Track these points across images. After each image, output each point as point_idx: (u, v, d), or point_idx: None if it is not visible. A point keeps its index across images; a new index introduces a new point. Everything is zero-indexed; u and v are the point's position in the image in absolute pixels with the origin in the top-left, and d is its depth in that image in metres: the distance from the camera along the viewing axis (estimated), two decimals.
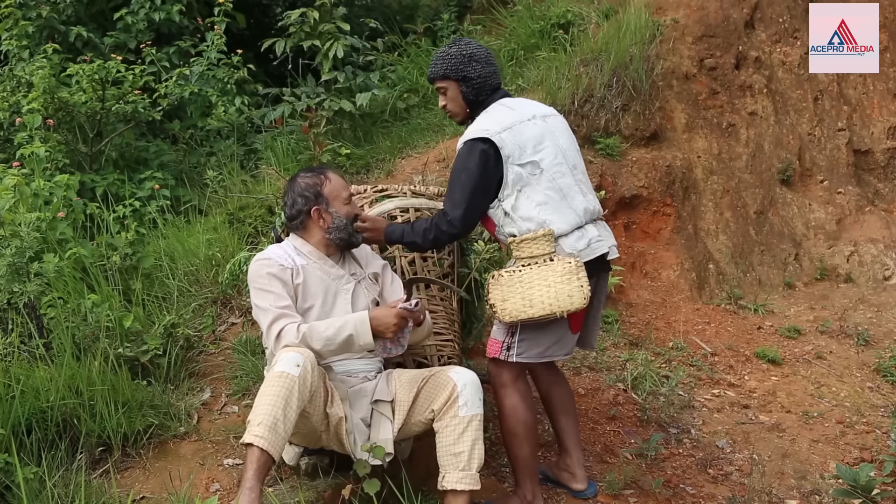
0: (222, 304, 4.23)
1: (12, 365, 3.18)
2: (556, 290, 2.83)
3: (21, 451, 2.95)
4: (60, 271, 3.71)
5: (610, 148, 5.82)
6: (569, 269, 2.84)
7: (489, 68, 3.05)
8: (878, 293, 6.15)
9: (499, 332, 3.02)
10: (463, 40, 3.11)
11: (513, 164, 2.89)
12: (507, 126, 2.91)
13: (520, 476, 3.04)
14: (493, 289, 2.88)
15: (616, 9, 6.69)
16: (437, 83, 3.09)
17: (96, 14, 6.55)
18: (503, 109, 3.01)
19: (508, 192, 2.90)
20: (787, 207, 6.64)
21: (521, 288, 2.85)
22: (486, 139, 2.88)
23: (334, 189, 2.93)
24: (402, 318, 2.73)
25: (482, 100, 3.05)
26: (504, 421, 3.03)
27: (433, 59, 3.11)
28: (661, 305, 5.45)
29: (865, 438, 4.11)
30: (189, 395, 3.60)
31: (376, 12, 8.01)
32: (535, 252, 2.87)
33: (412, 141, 5.94)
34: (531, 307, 2.84)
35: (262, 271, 2.82)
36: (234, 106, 5.91)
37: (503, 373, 3.02)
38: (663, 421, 4.09)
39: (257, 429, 2.44)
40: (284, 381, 2.49)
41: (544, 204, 2.90)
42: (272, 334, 2.70)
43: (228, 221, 4.69)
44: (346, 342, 2.69)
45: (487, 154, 2.88)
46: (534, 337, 2.97)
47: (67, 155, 5.14)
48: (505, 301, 2.85)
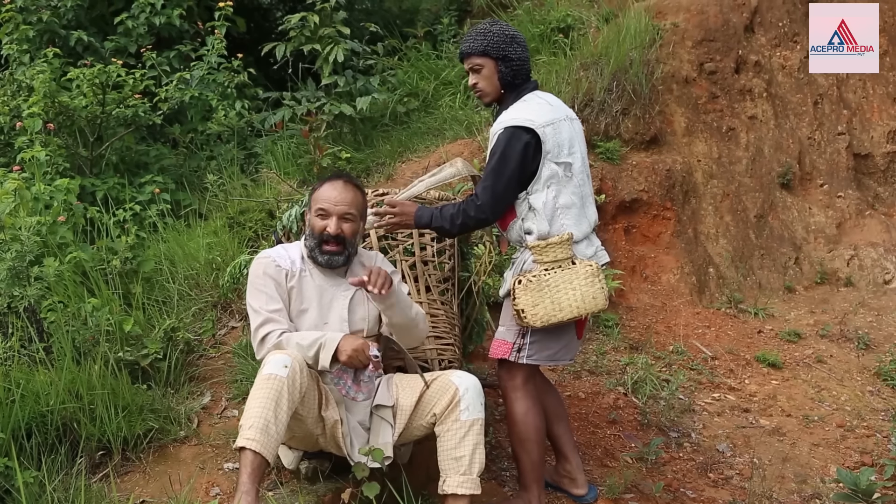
0: (222, 308, 4.23)
1: (12, 369, 3.17)
2: (581, 293, 2.87)
3: (21, 455, 2.94)
4: (61, 275, 3.71)
5: (610, 152, 5.82)
6: (591, 272, 2.90)
7: (526, 53, 3.00)
8: (879, 297, 6.15)
9: (508, 334, 3.01)
10: (501, 21, 3.05)
11: (550, 161, 2.88)
12: (550, 121, 2.90)
13: (527, 480, 3.04)
14: (522, 294, 2.86)
15: (616, 13, 6.70)
16: (474, 60, 2.99)
17: (97, 18, 6.56)
18: (543, 103, 2.98)
19: (539, 187, 2.89)
20: (788, 211, 6.64)
21: (549, 292, 2.86)
22: (530, 129, 2.85)
23: (318, 197, 2.88)
24: (362, 352, 2.63)
25: (518, 84, 3.00)
26: (514, 425, 3.02)
27: (470, 34, 3.01)
28: (661, 309, 5.45)
29: (866, 442, 4.11)
30: (189, 398, 3.59)
31: (376, 16, 8.03)
32: (559, 256, 2.89)
33: (412, 145, 5.94)
34: (560, 311, 2.86)
35: (260, 270, 2.83)
36: (235, 110, 5.92)
37: (515, 375, 3.02)
38: (664, 425, 4.09)
39: (249, 432, 2.44)
40: (273, 382, 2.49)
41: (567, 208, 2.92)
42: (257, 337, 2.73)
43: (229, 225, 4.69)
44: (315, 356, 2.65)
45: (529, 144, 2.85)
46: (544, 339, 2.98)
47: (68, 159, 5.14)
48: (535, 306, 2.85)
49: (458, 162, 3.23)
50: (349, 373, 2.68)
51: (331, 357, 2.62)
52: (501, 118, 2.95)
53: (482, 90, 3.04)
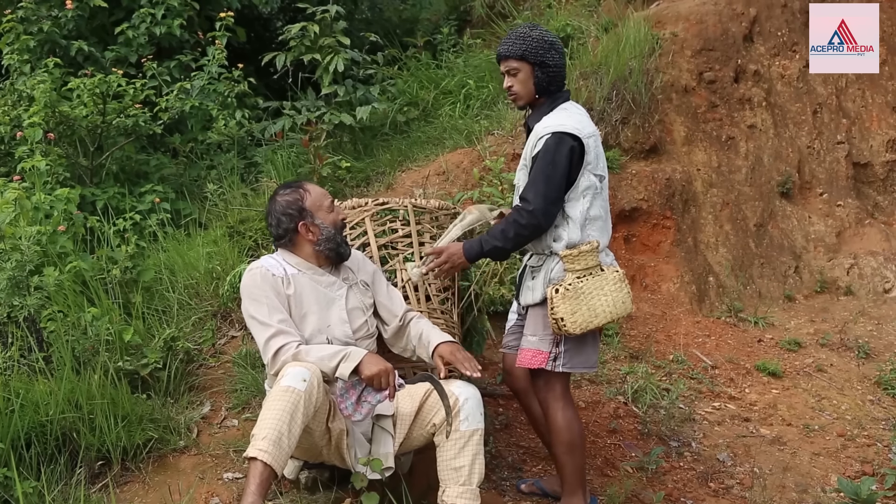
0: (222, 318, 4.22)
1: (12, 379, 3.17)
2: (612, 298, 2.95)
3: (20, 465, 2.93)
4: (60, 285, 3.71)
5: (609, 161, 5.82)
6: (618, 278, 2.99)
7: (563, 60, 3.02)
8: (879, 306, 6.15)
9: (542, 343, 3.01)
10: (541, 27, 3.06)
11: (590, 172, 2.93)
12: (592, 133, 2.95)
13: (574, 485, 3.06)
14: (561, 303, 2.88)
15: (615, 22, 6.72)
16: (511, 63, 3.00)
17: (97, 28, 6.58)
18: (584, 114, 3.03)
19: (575, 196, 2.92)
20: (787, 220, 6.65)
21: (585, 299, 2.91)
22: (577, 137, 2.88)
23: (315, 200, 2.89)
24: (386, 376, 2.64)
25: (553, 90, 3.02)
26: (561, 433, 3.02)
27: (509, 37, 3.02)
28: (661, 318, 5.45)
29: (867, 451, 4.11)
30: (189, 408, 3.59)
31: (376, 26, 8.06)
32: (590, 263, 2.94)
33: (412, 154, 5.95)
34: (596, 317, 2.92)
35: (257, 281, 2.80)
36: (235, 119, 5.93)
37: (556, 385, 3.03)
38: (664, 434, 4.08)
39: (262, 443, 2.43)
40: (290, 395, 2.48)
41: (597, 219, 2.98)
42: (270, 350, 2.69)
43: (229, 234, 4.69)
44: (335, 367, 2.65)
45: (574, 151, 2.88)
46: (576, 347, 3.01)
47: (68, 168, 5.14)
48: (574, 314, 2.88)
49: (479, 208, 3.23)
50: (357, 390, 2.68)
51: (352, 369, 2.62)
52: (546, 123, 2.95)
53: (516, 93, 3.05)
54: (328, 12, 5.82)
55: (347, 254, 2.94)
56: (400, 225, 3.29)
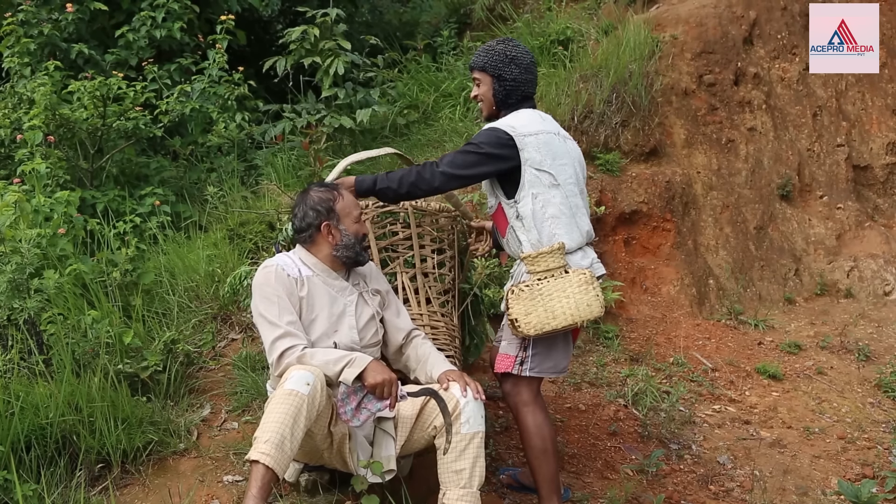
0: (222, 320, 4.22)
1: (12, 381, 3.17)
2: (575, 301, 2.88)
3: (20, 467, 2.93)
4: (60, 287, 3.71)
5: (609, 163, 5.84)
6: (584, 280, 2.91)
7: (526, 76, 3.08)
8: (879, 308, 6.15)
9: (510, 347, 3.02)
10: (513, 41, 3.14)
11: (531, 167, 2.92)
12: (534, 132, 2.95)
13: (547, 492, 3.04)
14: (515, 303, 2.88)
15: (615, 25, 6.73)
16: (474, 73, 3.14)
17: (98, 31, 6.59)
18: (534, 115, 3.04)
19: (524, 194, 2.93)
20: (787, 223, 6.65)
21: (542, 300, 2.88)
22: (508, 133, 2.91)
23: (346, 206, 2.90)
24: (389, 385, 2.63)
25: (511, 103, 3.08)
26: (530, 439, 3.02)
27: (480, 48, 3.15)
28: (661, 321, 5.45)
29: (867, 454, 4.10)
30: (189, 411, 3.59)
31: (376, 29, 8.07)
32: (551, 265, 2.91)
33: (412, 157, 5.95)
34: (554, 319, 2.87)
35: (270, 279, 2.79)
36: (235, 122, 5.93)
37: (522, 390, 3.03)
38: (664, 437, 4.08)
39: (264, 446, 2.42)
40: (294, 399, 2.48)
41: (556, 218, 2.95)
42: (275, 351, 2.68)
43: (229, 237, 4.70)
44: (339, 371, 2.64)
45: (503, 143, 2.91)
46: (545, 351, 3.00)
47: (68, 171, 5.15)
48: (528, 315, 2.87)
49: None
50: (358, 396, 2.67)
51: (356, 374, 2.62)
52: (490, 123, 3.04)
53: (480, 104, 3.18)
54: (328, 15, 5.83)
55: (365, 260, 2.95)
56: (400, 227, 3.29)
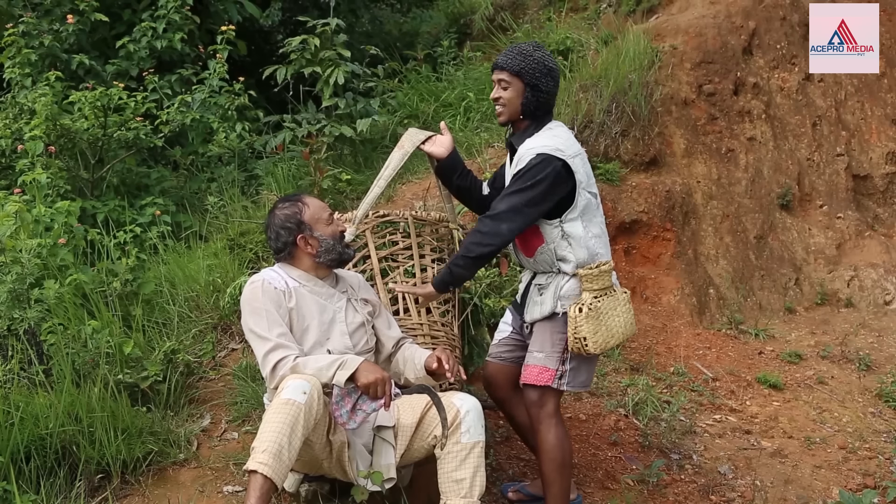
0: (222, 330, 4.22)
1: (12, 392, 3.17)
2: (624, 319, 2.99)
3: (20, 478, 2.93)
4: (61, 297, 3.71)
5: (609, 173, 5.84)
6: (626, 299, 3.03)
7: (556, 89, 2.98)
8: (879, 318, 6.14)
9: (550, 360, 2.99)
10: (545, 49, 2.97)
11: (585, 190, 2.91)
12: (577, 152, 2.93)
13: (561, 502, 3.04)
14: (585, 323, 2.86)
15: (615, 35, 6.75)
16: (503, 74, 2.93)
17: (98, 42, 6.62)
18: (569, 133, 3.00)
19: (574, 216, 2.91)
20: (787, 232, 6.65)
21: (604, 319, 2.92)
22: (561, 159, 2.84)
23: (314, 213, 2.89)
24: (382, 384, 2.61)
25: (539, 115, 2.97)
26: (551, 451, 2.99)
27: (511, 50, 2.94)
28: (661, 330, 5.45)
29: (868, 464, 4.09)
30: (189, 421, 3.58)
31: (377, 39, 8.10)
32: (605, 283, 2.95)
33: (413, 167, 5.96)
34: (612, 337, 2.95)
35: (257, 294, 2.78)
36: (236, 132, 5.95)
37: (551, 402, 3.02)
38: (665, 447, 4.07)
39: (262, 456, 2.42)
40: (291, 408, 2.47)
41: (599, 237, 2.98)
42: (268, 364, 2.68)
43: (229, 247, 4.70)
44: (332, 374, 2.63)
45: (559, 173, 2.83)
46: (581, 366, 3.02)
47: (69, 181, 5.16)
48: (595, 334, 2.88)
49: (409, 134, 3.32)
50: (352, 398, 2.67)
51: (348, 375, 2.61)
52: (531, 144, 2.91)
53: (501, 108, 2.99)
54: (329, 25, 5.85)
55: (350, 256, 2.96)
56: (400, 237, 3.30)
